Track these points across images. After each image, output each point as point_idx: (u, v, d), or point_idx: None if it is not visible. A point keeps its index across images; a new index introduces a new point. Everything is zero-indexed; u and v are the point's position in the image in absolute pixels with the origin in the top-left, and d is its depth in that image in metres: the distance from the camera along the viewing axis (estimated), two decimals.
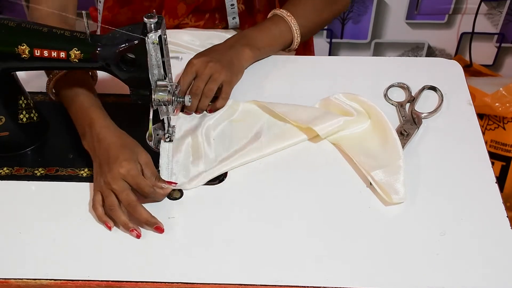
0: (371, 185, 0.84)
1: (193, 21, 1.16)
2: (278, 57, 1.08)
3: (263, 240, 0.78)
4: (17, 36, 0.80)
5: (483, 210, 0.82)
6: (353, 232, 0.79)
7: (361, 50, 1.99)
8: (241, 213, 0.82)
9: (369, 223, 0.80)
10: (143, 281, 0.73)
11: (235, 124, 0.94)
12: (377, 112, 0.91)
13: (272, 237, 0.79)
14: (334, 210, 0.82)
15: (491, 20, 1.91)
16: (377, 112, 0.91)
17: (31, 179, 0.87)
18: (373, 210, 0.82)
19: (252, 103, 0.96)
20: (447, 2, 1.87)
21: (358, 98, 0.94)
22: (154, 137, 0.91)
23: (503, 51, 1.99)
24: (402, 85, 1.01)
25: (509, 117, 1.55)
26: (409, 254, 0.76)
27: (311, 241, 0.78)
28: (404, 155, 0.85)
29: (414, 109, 0.96)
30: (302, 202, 0.83)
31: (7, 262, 0.76)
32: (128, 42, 0.79)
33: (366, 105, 0.93)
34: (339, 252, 0.77)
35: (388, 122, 0.89)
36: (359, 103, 0.94)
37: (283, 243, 0.78)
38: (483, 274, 0.74)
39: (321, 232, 0.79)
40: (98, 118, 0.85)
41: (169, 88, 0.82)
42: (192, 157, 0.88)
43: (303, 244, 0.78)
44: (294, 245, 0.78)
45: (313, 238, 0.79)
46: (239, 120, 0.94)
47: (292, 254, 0.77)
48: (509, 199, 1.57)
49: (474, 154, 0.90)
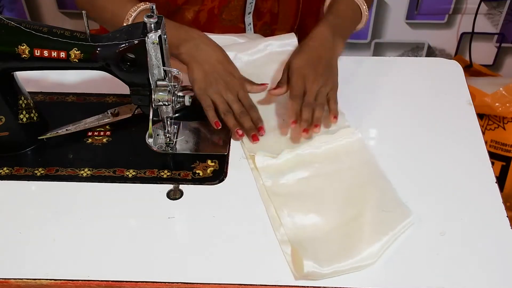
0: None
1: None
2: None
3: (263, 240, 0.78)
4: (17, 36, 0.80)
5: (483, 210, 0.82)
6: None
7: (361, 50, 1.99)
8: (241, 213, 0.82)
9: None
10: (143, 281, 0.73)
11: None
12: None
13: (272, 237, 0.78)
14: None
15: (491, 20, 1.91)
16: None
17: (31, 179, 0.87)
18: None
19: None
20: (447, 2, 1.87)
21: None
22: (154, 137, 0.91)
23: (503, 51, 1.99)
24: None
25: (509, 117, 1.55)
26: (409, 254, 0.76)
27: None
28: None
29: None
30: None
31: (7, 262, 0.76)
32: (128, 42, 0.79)
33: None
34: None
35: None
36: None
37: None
38: (483, 274, 0.74)
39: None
40: (196, 32, 0.96)
41: (169, 88, 0.82)
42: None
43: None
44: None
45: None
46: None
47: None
48: (509, 199, 1.57)
49: (474, 154, 0.90)
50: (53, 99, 1.01)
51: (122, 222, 0.81)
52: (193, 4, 1.12)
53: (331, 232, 0.78)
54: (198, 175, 0.87)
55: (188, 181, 0.86)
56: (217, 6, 1.13)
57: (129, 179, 0.87)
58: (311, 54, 0.94)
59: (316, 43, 0.96)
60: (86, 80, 1.04)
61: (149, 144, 0.90)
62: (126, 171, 0.88)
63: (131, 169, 0.88)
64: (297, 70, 0.93)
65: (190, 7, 1.13)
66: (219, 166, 0.89)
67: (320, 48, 0.95)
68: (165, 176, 0.87)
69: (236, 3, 1.13)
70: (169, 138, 0.90)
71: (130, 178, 0.87)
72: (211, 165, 0.89)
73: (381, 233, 0.76)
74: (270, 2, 1.17)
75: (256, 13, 1.17)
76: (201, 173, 0.88)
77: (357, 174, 0.86)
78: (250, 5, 1.15)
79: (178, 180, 0.87)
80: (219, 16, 1.14)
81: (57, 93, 1.02)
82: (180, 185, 0.86)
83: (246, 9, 1.15)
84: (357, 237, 0.76)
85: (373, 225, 0.77)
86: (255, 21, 1.18)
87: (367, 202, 0.81)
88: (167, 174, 0.87)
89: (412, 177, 0.85)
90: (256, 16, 1.18)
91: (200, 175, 0.87)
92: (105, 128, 0.95)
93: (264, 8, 1.17)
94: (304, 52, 0.95)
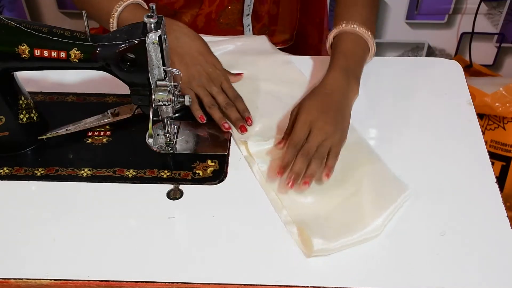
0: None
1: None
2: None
3: (263, 240, 0.78)
4: (17, 36, 0.80)
5: (483, 210, 0.82)
6: None
7: None
8: (241, 213, 0.82)
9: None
10: (143, 281, 0.73)
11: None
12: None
13: (272, 237, 0.79)
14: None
15: (491, 20, 1.91)
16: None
17: (31, 179, 0.87)
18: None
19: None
20: (447, 2, 1.87)
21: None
22: (154, 137, 0.91)
23: (503, 51, 1.99)
24: None
25: (509, 117, 1.55)
26: (409, 254, 0.76)
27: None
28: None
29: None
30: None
31: (7, 262, 0.76)
32: (128, 42, 0.79)
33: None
34: (339, 252, 0.76)
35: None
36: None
37: (283, 243, 0.78)
38: (483, 274, 0.74)
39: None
40: (177, 24, 0.94)
41: (169, 88, 0.82)
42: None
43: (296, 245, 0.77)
44: (294, 245, 0.77)
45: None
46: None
47: (292, 254, 0.76)
48: (509, 199, 1.57)
49: (474, 154, 0.90)
50: (53, 99, 1.01)
51: (122, 222, 0.81)
52: (191, 9, 1.12)
53: (333, 210, 0.80)
54: (198, 175, 0.87)
55: (188, 181, 0.86)
56: (215, 10, 1.13)
57: (129, 179, 0.87)
58: (322, 100, 0.87)
59: (328, 90, 0.89)
60: (86, 80, 1.04)
61: (149, 144, 0.90)
62: (126, 171, 0.88)
63: (131, 169, 0.88)
64: (303, 115, 0.85)
65: (188, 11, 1.13)
66: (219, 166, 0.89)
67: (333, 94, 0.88)
68: (165, 176, 0.87)
69: (233, 7, 1.13)
70: (169, 138, 0.90)
71: (130, 178, 0.87)
72: (211, 165, 0.89)
73: (383, 206, 0.79)
74: (267, 5, 1.17)
75: (255, 16, 1.17)
76: (201, 173, 0.88)
77: (351, 153, 0.86)
78: (248, 7, 1.14)
79: (178, 180, 0.87)
80: (216, 21, 1.14)
81: (57, 93, 1.02)
82: (180, 185, 0.86)
83: (244, 12, 1.15)
84: (360, 212, 0.79)
85: (374, 199, 0.81)
86: (254, 23, 1.18)
87: (364, 179, 0.83)
88: (167, 174, 0.87)
89: (412, 177, 0.85)
90: (254, 18, 1.18)
91: (200, 175, 0.87)
92: (105, 128, 0.95)
93: (262, 11, 1.17)
94: (315, 98, 0.88)
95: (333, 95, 0.88)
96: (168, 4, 1.06)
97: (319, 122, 0.83)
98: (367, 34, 0.96)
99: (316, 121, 0.83)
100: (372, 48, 0.97)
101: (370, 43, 0.97)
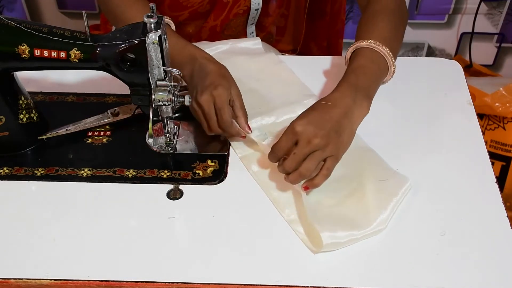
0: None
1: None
2: (269, 56, 1.08)
3: (263, 240, 0.78)
4: (17, 36, 0.80)
5: (483, 210, 0.82)
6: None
7: None
8: (241, 213, 0.82)
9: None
10: (143, 281, 0.73)
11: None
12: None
13: (272, 237, 0.79)
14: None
15: (491, 20, 1.91)
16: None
17: (31, 179, 0.87)
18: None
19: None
20: (447, 2, 1.87)
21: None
22: (154, 137, 0.91)
23: (503, 51, 1.99)
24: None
25: (509, 117, 1.55)
26: (409, 254, 0.76)
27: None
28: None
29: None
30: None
31: (7, 262, 0.76)
32: (128, 42, 0.79)
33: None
34: (338, 252, 0.76)
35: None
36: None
37: (283, 243, 0.78)
38: (483, 274, 0.74)
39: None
40: (200, 52, 0.91)
41: (169, 88, 0.82)
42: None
43: (303, 243, 0.78)
44: (294, 244, 0.78)
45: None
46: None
47: (292, 254, 0.77)
48: (509, 199, 1.57)
49: (474, 154, 0.90)
50: (53, 99, 1.01)
51: (122, 222, 0.81)
52: (195, 20, 1.12)
53: (337, 205, 0.82)
54: (198, 175, 0.87)
55: (188, 181, 0.87)
56: (219, 24, 1.13)
57: (129, 179, 0.87)
58: (320, 114, 0.80)
59: (330, 104, 0.82)
60: (86, 80, 1.04)
61: (149, 144, 0.90)
62: (126, 171, 0.88)
63: (131, 169, 0.88)
64: (292, 125, 0.79)
65: (192, 22, 1.13)
66: (219, 166, 0.89)
67: (333, 110, 0.81)
68: (165, 176, 0.87)
69: (238, 20, 1.13)
70: (169, 138, 0.90)
71: (130, 178, 0.87)
72: (211, 165, 0.89)
73: (385, 201, 0.80)
74: (272, 18, 1.17)
75: (259, 26, 1.18)
76: (201, 173, 0.88)
77: (348, 150, 0.85)
78: (253, 19, 1.15)
79: (178, 180, 0.87)
80: (221, 34, 1.15)
81: (57, 93, 1.02)
82: (180, 185, 0.86)
83: (248, 22, 1.15)
84: (364, 208, 0.80)
85: (376, 194, 0.81)
86: (257, 32, 1.19)
87: (364, 174, 0.85)
88: (167, 174, 0.87)
89: (411, 177, 0.85)
90: (258, 28, 1.18)
91: (200, 175, 0.87)
92: (105, 128, 0.95)
93: (267, 22, 1.18)
94: (313, 110, 0.81)
95: (333, 110, 0.81)
96: (172, 17, 1.04)
97: (307, 135, 0.78)
98: (386, 51, 0.89)
99: (304, 133, 0.78)
100: (390, 65, 0.91)
101: (389, 61, 0.90)
